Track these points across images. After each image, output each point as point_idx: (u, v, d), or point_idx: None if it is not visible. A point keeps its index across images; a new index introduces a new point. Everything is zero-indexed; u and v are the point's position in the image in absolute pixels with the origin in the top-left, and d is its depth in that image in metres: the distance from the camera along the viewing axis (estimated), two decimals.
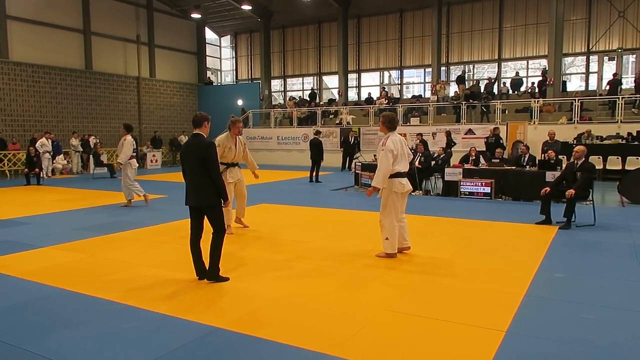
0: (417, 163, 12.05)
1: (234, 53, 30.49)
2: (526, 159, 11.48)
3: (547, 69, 20.09)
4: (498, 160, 11.70)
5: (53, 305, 4.34)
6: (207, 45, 28.91)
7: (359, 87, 26.42)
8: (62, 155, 18.50)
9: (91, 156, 18.37)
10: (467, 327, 3.76)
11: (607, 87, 18.69)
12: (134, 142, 10.21)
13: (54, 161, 17.93)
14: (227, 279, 4.91)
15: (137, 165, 10.38)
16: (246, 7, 24.88)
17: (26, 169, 14.84)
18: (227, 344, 3.53)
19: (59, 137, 19.53)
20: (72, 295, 4.58)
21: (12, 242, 6.74)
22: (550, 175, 9.82)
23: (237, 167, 7.51)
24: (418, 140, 14.17)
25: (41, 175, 15.19)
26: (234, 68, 30.51)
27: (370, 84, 26.23)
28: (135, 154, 10.20)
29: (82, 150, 19.41)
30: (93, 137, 19.93)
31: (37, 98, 19.86)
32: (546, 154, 11.61)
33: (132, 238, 7.08)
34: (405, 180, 5.75)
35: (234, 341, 3.57)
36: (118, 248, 6.46)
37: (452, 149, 16.00)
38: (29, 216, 8.93)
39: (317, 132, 15.57)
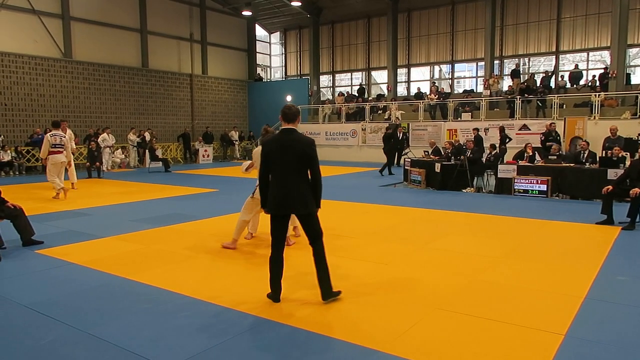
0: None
1: (283, 49, 30.78)
2: (585, 155, 10.96)
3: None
4: (555, 157, 11.23)
5: (113, 292, 4.55)
6: (257, 42, 29.32)
7: (408, 82, 26.02)
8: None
9: (147, 151, 19.11)
10: (523, 328, 3.65)
11: None
12: (62, 138, 10.38)
13: (113, 155, 18.75)
14: (339, 292, 4.30)
15: (64, 160, 10.50)
16: (296, 4, 25.03)
17: (88, 163, 15.63)
18: (277, 336, 3.59)
19: (118, 132, 20.39)
20: (130, 283, 4.78)
21: (75, 232, 7.12)
22: (613, 173, 9.38)
23: None
24: (474, 135, 13.84)
25: (101, 169, 15.96)
26: (284, 64, 30.81)
27: (419, 78, 25.78)
28: (58, 149, 10.30)
29: (139, 145, 20.21)
30: (149, 132, 20.67)
31: (97, 95, 20.82)
32: (609, 151, 11.03)
33: (187, 230, 7.31)
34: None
35: (284, 334, 3.62)
36: (173, 240, 6.69)
37: (507, 145, 15.49)
38: (91, 207, 9.40)
39: (388, 128, 17.20)
